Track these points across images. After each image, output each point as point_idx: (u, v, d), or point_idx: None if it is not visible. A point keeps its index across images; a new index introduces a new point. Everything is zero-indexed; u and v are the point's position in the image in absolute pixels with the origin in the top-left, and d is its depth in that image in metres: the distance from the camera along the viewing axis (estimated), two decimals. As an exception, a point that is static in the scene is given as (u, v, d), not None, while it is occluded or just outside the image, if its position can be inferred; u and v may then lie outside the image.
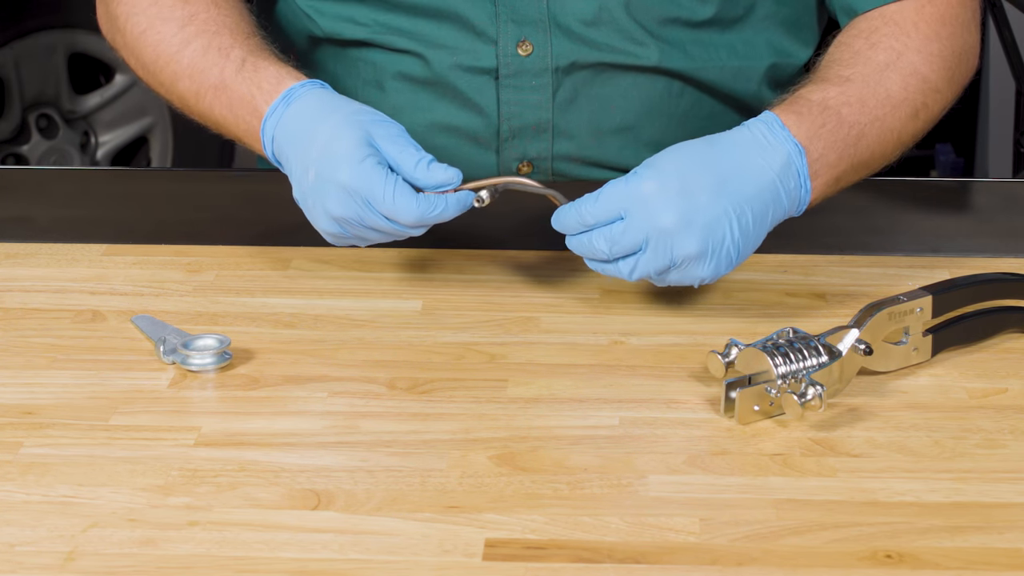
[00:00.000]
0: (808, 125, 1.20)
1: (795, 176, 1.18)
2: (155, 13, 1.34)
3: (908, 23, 1.31)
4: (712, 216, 1.14)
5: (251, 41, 1.30)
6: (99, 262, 1.31)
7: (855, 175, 1.26)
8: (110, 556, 0.90)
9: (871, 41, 1.30)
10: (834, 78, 1.26)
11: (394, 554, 0.90)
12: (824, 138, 1.21)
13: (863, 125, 1.24)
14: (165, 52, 1.32)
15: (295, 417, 1.06)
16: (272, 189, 1.38)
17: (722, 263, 1.15)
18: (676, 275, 1.15)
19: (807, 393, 1.03)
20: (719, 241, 1.14)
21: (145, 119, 2.95)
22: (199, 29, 1.31)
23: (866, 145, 1.24)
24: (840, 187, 1.25)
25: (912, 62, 1.29)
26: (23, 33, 2.82)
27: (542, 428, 1.05)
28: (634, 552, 0.91)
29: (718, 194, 1.14)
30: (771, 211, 1.17)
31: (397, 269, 1.29)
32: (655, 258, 1.14)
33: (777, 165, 1.17)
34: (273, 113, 1.23)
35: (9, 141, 2.87)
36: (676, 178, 1.14)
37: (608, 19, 1.39)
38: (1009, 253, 1.32)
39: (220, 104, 1.28)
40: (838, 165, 1.22)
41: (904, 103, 1.27)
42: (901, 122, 1.27)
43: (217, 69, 1.28)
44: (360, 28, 1.43)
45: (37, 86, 2.86)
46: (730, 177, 1.15)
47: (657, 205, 1.13)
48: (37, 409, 1.07)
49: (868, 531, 0.93)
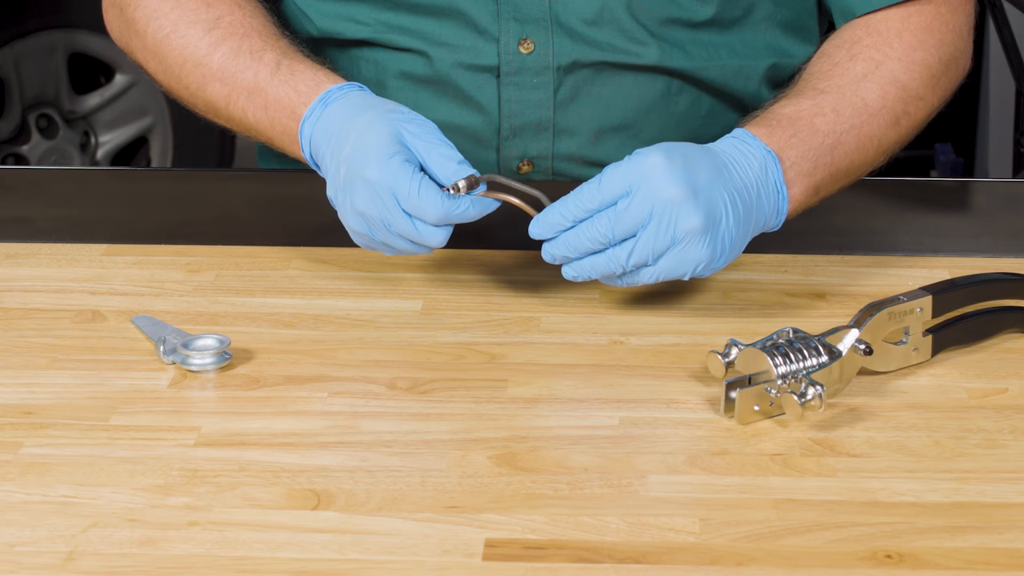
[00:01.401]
0: (780, 135, 1.22)
1: (772, 182, 1.20)
2: (179, 17, 1.34)
3: (892, 33, 1.32)
4: (713, 193, 1.14)
5: (281, 43, 1.32)
6: (99, 262, 1.31)
7: (835, 183, 1.27)
8: (110, 556, 0.90)
9: (851, 52, 1.31)
10: (808, 91, 1.28)
11: (394, 554, 0.90)
12: (796, 147, 1.22)
13: (839, 134, 1.25)
14: (192, 56, 1.33)
15: (295, 417, 1.06)
16: (272, 189, 1.38)
17: (717, 248, 1.15)
18: (673, 258, 1.14)
19: (807, 393, 1.03)
20: (718, 219, 1.14)
21: (145, 119, 2.95)
22: (227, 32, 1.32)
23: (843, 153, 1.25)
24: (821, 196, 1.26)
25: (892, 71, 1.30)
26: (23, 33, 2.82)
27: (542, 428, 1.05)
28: (634, 552, 0.91)
29: (716, 177, 1.15)
30: (754, 212, 1.18)
31: (397, 269, 1.29)
32: (657, 234, 1.13)
33: (756, 167, 1.19)
34: (311, 115, 1.24)
35: (9, 141, 2.87)
36: (680, 155, 1.14)
37: (610, 19, 1.39)
38: (1009, 253, 1.32)
39: (254, 107, 1.29)
40: (814, 174, 1.23)
41: (882, 111, 1.28)
42: (881, 130, 1.28)
43: (251, 72, 1.29)
44: (362, 27, 1.43)
45: (37, 86, 2.86)
46: (722, 167, 1.16)
47: (663, 176, 1.13)
48: (37, 409, 1.07)
49: (868, 531, 0.93)
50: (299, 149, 1.25)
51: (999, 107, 2.92)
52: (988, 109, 2.97)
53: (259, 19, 1.34)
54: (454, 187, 1.16)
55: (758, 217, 1.19)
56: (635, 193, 1.13)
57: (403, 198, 1.15)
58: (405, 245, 1.18)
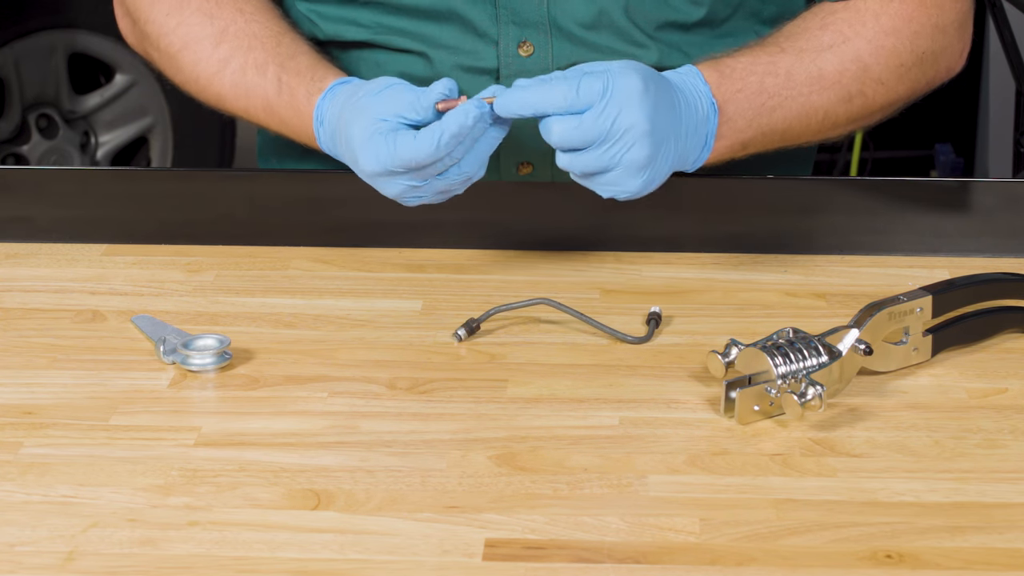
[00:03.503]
0: (727, 87, 1.25)
1: (704, 133, 1.23)
2: (186, 33, 1.37)
3: (868, 12, 1.33)
4: (667, 134, 1.17)
5: (281, 50, 1.34)
6: (99, 262, 1.31)
7: (767, 143, 1.29)
8: (110, 556, 0.90)
9: (824, 23, 1.33)
10: (770, 47, 1.30)
11: (394, 554, 0.90)
12: (739, 103, 1.25)
13: (784, 97, 1.27)
14: (205, 73, 1.36)
15: (295, 417, 1.06)
16: (272, 189, 1.38)
17: (646, 182, 1.17)
18: (605, 179, 1.17)
19: (807, 393, 1.03)
20: (660, 160, 1.17)
21: (145, 119, 2.95)
22: (232, 47, 1.35)
23: (782, 117, 1.28)
24: (748, 152, 1.29)
25: (857, 49, 1.31)
26: (23, 33, 2.82)
27: (542, 428, 1.05)
28: (634, 552, 0.91)
29: (670, 116, 1.18)
30: (682, 155, 1.21)
31: (397, 269, 1.29)
32: (602, 155, 1.15)
33: (699, 115, 1.22)
34: (318, 134, 1.29)
35: (9, 141, 2.87)
36: (653, 85, 1.16)
37: (607, 23, 1.39)
38: (1009, 253, 1.32)
39: (273, 122, 1.34)
40: (746, 131, 1.26)
41: (836, 85, 1.30)
42: (830, 103, 1.30)
43: (260, 91, 1.33)
44: (362, 30, 1.43)
45: (37, 86, 2.86)
46: (675, 105, 1.19)
47: (637, 104, 1.14)
48: (37, 409, 1.07)
49: (868, 531, 0.93)
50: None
51: (999, 107, 2.92)
52: (988, 109, 2.97)
53: (260, 21, 1.36)
54: (439, 104, 1.17)
55: (683, 161, 1.22)
56: (604, 111, 1.14)
57: (392, 163, 1.17)
58: (434, 185, 1.19)
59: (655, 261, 1.31)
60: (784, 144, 1.31)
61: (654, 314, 1.18)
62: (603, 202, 1.20)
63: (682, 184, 1.33)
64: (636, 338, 1.17)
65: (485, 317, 1.18)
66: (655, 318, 1.18)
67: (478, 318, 1.18)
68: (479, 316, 1.18)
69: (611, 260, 1.31)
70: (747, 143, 1.27)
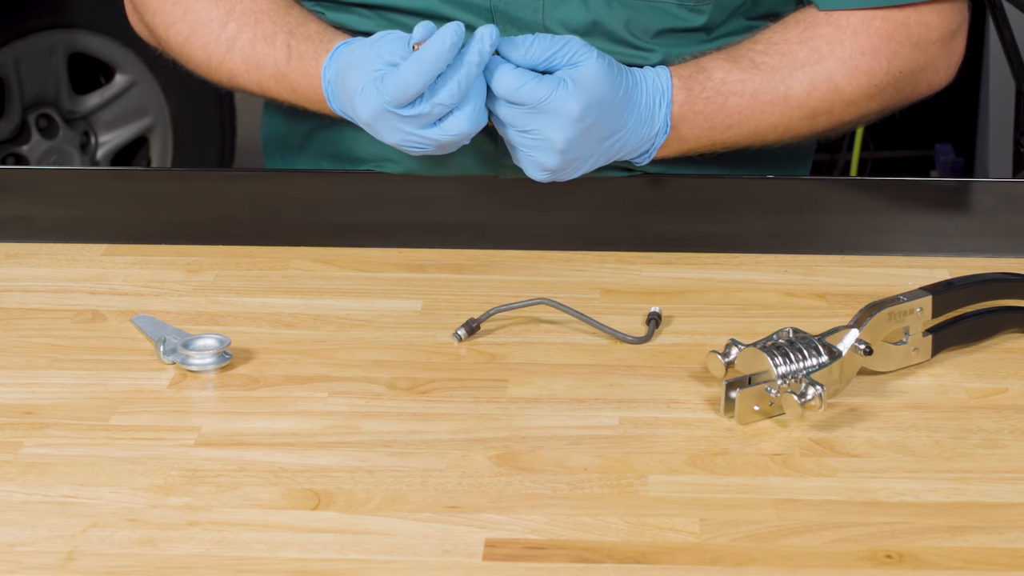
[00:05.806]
0: (690, 107, 1.28)
1: (648, 143, 1.27)
2: (193, 19, 1.38)
3: (848, 30, 1.32)
4: (592, 138, 1.22)
5: (290, 19, 1.35)
6: (99, 262, 1.31)
7: (706, 151, 1.32)
8: (110, 556, 0.90)
9: (803, 36, 1.33)
10: (746, 60, 1.31)
11: (394, 554, 0.90)
12: (695, 123, 1.28)
13: (743, 117, 1.30)
14: (215, 55, 1.37)
15: (295, 417, 1.06)
16: (272, 189, 1.38)
17: (557, 169, 1.23)
18: (524, 138, 1.21)
19: (807, 393, 1.03)
20: (577, 160, 1.23)
21: (145, 119, 2.95)
22: (240, 23, 1.36)
23: (734, 135, 1.31)
24: (685, 155, 1.32)
25: (830, 69, 1.32)
26: (23, 33, 2.82)
27: (542, 428, 1.05)
28: (634, 552, 0.91)
29: (616, 122, 1.24)
30: (615, 153, 1.26)
31: (397, 269, 1.29)
32: (527, 118, 1.20)
33: (646, 132, 1.26)
34: (327, 95, 1.30)
35: (9, 141, 2.87)
36: (621, 87, 1.23)
37: (602, 31, 1.38)
38: (1009, 253, 1.32)
39: (285, 91, 1.35)
40: (693, 144, 1.30)
41: (802, 106, 1.31)
42: (792, 120, 1.32)
43: (270, 60, 1.34)
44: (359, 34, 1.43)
45: (37, 86, 2.86)
46: (626, 108, 1.24)
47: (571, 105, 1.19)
48: (37, 409, 1.07)
49: (868, 531, 0.93)
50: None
51: (999, 107, 2.92)
52: (988, 109, 2.97)
53: None
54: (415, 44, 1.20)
55: (616, 156, 1.26)
56: (555, 82, 1.19)
57: (388, 103, 1.19)
58: (432, 135, 1.21)
59: (655, 261, 1.31)
60: (727, 151, 1.34)
61: (654, 314, 1.19)
62: (603, 202, 1.20)
63: (682, 184, 1.33)
64: (636, 338, 1.17)
65: (485, 317, 1.18)
66: (655, 318, 1.18)
67: (478, 318, 1.18)
68: (479, 316, 1.18)
69: (611, 260, 1.31)
70: (688, 152, 1.31)
